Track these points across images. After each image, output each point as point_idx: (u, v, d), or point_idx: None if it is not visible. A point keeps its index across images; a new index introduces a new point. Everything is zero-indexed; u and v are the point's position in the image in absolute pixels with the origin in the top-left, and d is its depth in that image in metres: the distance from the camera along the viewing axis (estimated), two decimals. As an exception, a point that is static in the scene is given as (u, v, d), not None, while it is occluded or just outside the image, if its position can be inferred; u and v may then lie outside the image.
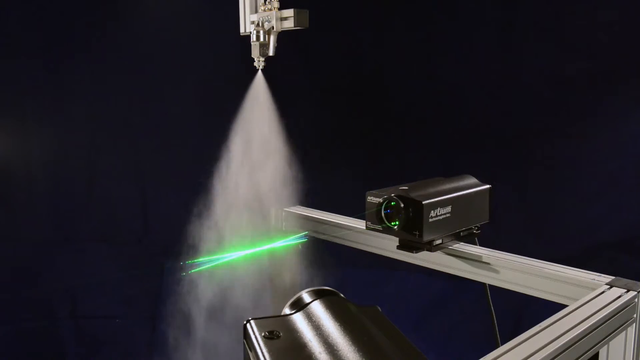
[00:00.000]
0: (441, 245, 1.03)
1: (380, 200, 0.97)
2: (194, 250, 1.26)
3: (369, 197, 0.99)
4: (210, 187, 1.30)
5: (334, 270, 1.27)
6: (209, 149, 1.31)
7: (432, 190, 0.98)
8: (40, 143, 2.67)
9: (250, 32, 1.23)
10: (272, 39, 1.23)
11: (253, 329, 0.78)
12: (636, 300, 0.85)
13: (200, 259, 1.20)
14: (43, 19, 2.59)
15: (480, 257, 1.02)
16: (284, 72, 1.78)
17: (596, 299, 0.83)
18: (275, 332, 0.77)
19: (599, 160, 2.52)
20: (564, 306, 0.82)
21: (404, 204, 0.94)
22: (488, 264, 1.01)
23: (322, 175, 2.51)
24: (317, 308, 0.83)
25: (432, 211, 0.95)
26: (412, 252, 1.00)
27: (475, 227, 1.07)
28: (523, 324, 1.73)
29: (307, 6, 1.21)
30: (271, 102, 1.28)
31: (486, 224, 1.08)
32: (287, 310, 0.86)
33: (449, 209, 0.98)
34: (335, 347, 0.72)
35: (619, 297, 0.84)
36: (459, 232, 1.04)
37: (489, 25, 2.69)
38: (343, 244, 1.25)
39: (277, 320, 0.81)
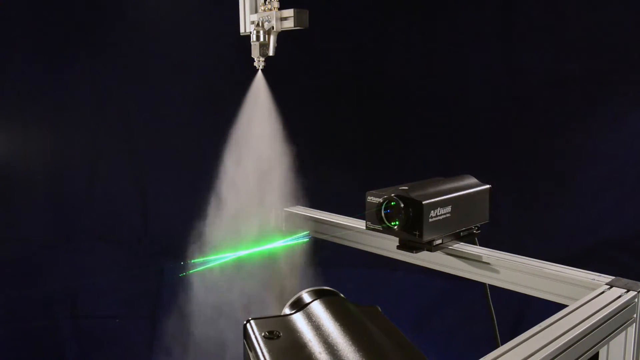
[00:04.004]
0: (441, 245, 1.03)
1: (380, 200, 0.97)
2: (193, 250, 1.26)
3: (369, 197, 0.99)
4: (210, 187, 1.30)
5: (334, 270, 1.28)
6: (209, 149, 1.31)
7: (432, 190, 0.98)
8: (40, 143, 2.67)
9: (250, 32, 1.23)
10: (272, 39, 1.23)
11: (253, 329, 0.78)
12: (636, 300, 0.85)
13: (200, 259, 1.20)
14: (43, 19, 2.59)
15: (480, 257, 1.02)
16: (284, 72, 1.78)
17: (596, 299, 0.83)
18: (275, 332, 0.77)
19: (600, 160, 2.51)
20: (564, 306, 0.82)
21: (404, 204, 0.94)
22: (488, 264, 1.01)
23: (323, 175, 2.51)
24: (317, 308, 0.83)
25: (432, 211, 0.95)
26: (412, 252, 1.00)
27: (475, 227, 1.07)
28: (523, 324, 1.73)
29: (307, 6, 1.21)
30: (271, 102, 1.28)
31: (486, 224, 1.08)
32: (287, 310, 0.86)
33: (449, 209, 0.98)
34: (335, 347, 0.72)
35: (619, 297, 0.84)
36: (459, 232, 1.04)
37: (489, 25, 2.69)
38: (343, 244, 1.25)
39: (277, 320, 0.81)
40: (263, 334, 0.76)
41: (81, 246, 2.68)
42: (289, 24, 1.20)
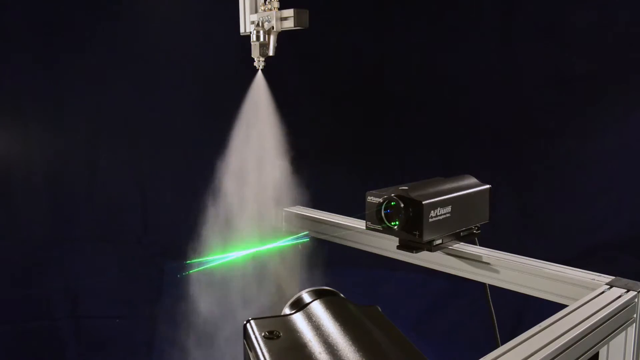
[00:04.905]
0: (441, 245, 1.03)
1: (380, 200, 0.97)
2: (193, 250, 1.26)
3: (369, 197, 0.99)
4: (210, 187, 1.30)
5: (334, 270, 1.27)
6: (209, 149, 1.31)
7: (432, 190, 0.98)
8: (40, 143, 2.66)
9: (250, 32, 1.23)
10: (272, 39, 1.23)
11: (253, 329, 0.78)
12: (636, 300, 0.84)
13: (200, 259, 1.20)
14: (42, 18, 2.59)
15: (480, 257, 1.02)
16: (284, 72, 1.78)
17: (596, 299, 0.83)
18: (275, 332, 0.77)
19: (599, 160, 2.51)
20: (564, 306, 0.82)
21: (404, 204, 0.94)
22: (488, 264, 1.01)
23: (322, 175, 2.51)
24: (317, 308, 0.83)
25: (432, 211, 0.95)
26: (412, 252, 1.00)
27: (475, 227, 1.07)
28: (523, 324, 1.73)
29: (307, 6, 1.21)
30: (271, 102, 1.28)
31: (486, 224, 1.08)
32: (287, 310, 0.86)
33: (449, 209, 0.98)
34: (335, 347, 0.72)
35: (619, 297, 0.84)
36: (459, 232, 1.04)
37: (489, 24, 2.69)
38: (343, 244, 1.25)
39: (277, 320, 0.81)
40: (263, 334, 0.76)
41: (81, 246, 2.67)
42: (289, 24, 1.20)
